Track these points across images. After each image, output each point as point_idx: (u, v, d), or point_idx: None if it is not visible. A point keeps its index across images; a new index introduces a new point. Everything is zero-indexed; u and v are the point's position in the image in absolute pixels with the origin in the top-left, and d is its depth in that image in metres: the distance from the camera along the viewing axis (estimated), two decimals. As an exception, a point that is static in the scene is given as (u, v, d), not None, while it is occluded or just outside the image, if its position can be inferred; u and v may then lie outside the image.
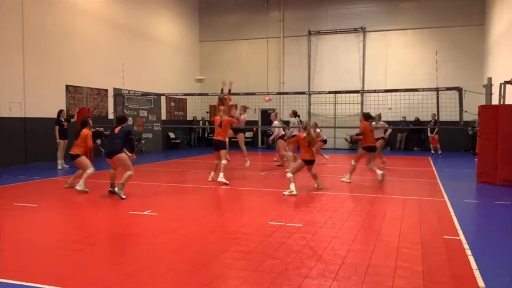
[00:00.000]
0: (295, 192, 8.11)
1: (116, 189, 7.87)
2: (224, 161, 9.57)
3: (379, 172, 9.61)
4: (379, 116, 13.34)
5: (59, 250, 4.83)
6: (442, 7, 19.44)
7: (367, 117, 10.25)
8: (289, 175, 8.35)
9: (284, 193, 8.18)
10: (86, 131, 8.63)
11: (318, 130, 13.92)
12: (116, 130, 8.20)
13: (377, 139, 12.93)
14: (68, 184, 8.89)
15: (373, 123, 12.52)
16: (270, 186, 9.56)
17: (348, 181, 9.89)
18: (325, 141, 13.95)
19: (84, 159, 8.57)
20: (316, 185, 8.93)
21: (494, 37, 16.52)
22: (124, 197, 7.67)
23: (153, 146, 19.47)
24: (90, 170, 8.50)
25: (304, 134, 8.65)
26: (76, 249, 4.80)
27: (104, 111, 16.68)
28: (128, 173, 7.88)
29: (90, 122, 9.07)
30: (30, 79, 13.44)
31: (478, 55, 18.88)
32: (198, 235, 5.52)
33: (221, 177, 9.44)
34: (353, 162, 10.06)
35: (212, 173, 9.97)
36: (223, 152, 9.65)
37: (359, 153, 10.24)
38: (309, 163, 8.68)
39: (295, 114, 13.41)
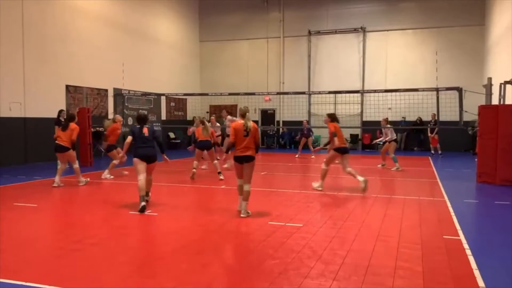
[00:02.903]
0: None
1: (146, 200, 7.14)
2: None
3: (360, 178, 8.39)
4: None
5: (59, 250, 4.83)
6: (442, 7, 19.45)
7: (334, 118, 9.02)
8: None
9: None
10: (73, 125, 9.32)
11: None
12: (145, 131, 7.26)
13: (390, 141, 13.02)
14: (56, 184, 9.17)
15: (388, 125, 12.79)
16: (270, 186, 9.56)
17: (320, 188, 8.65)
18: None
19: (73, 153, 9.36)
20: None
21: (494, 37, 16.52)
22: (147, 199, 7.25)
23: (153, 146, 19.43)
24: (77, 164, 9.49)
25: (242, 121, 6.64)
26: (76, 249, 4.80)
27: (104, 111, 16.68)
28: (151, 178, 7.43)
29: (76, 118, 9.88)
30: (30, 79, 13.44)
31: (478, 55, 18.88)
32: (198, 235, 5.52)
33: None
34: (324, 166, 8.78)
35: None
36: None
37: (331, 155, 8.80)
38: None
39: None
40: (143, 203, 6.72)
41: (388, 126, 12.93)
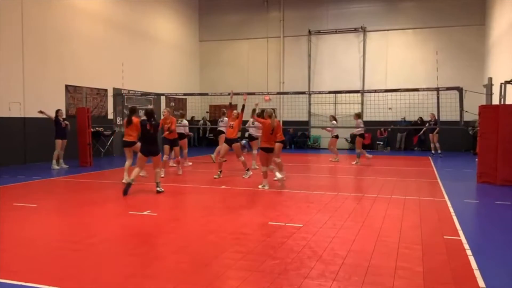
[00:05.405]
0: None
1: (157, 189, 8.34)
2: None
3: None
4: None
5: (59, 250, 4.83)
6: (442, 7, 19.43)
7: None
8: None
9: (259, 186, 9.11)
10: (136, 119, 9.53)
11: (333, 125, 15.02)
12: (149, 127, 8.31)
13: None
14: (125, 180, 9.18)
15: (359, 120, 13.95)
16: (270, 186, 9.55)
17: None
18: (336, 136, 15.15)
19: (139, 145, 9.26)
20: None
21: (494, 37, 16.52)
22: (163, 190, 8.38)
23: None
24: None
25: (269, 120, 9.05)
26: (76, 249, 4.79)
27: (103, 111, 16.67)
28: (158, 170, 8.54)
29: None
30: (30, 79, 13.43)
31: (478, 55, 18.86)
32: (198, 235, 5.51)
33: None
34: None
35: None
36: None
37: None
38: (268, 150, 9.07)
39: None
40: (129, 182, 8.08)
41: (360, 121, 14.13)
